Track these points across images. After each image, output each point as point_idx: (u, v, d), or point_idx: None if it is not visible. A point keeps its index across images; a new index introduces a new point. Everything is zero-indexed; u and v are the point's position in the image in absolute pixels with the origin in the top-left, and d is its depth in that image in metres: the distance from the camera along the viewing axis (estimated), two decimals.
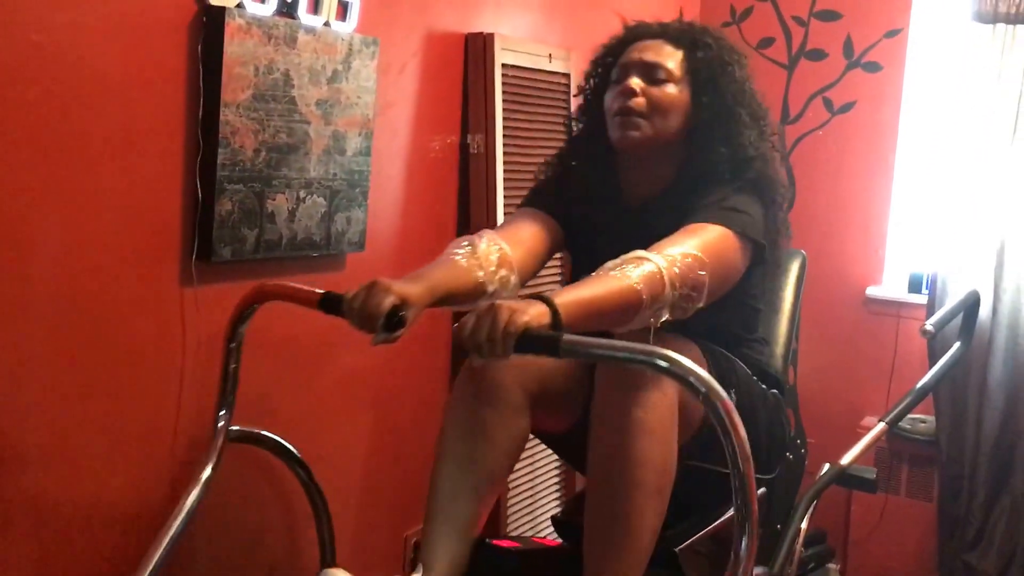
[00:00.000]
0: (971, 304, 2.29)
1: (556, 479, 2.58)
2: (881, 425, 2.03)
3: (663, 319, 1.46)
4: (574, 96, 1.88)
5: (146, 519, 1.65)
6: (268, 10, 1.73)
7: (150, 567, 1.38)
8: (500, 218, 2.29)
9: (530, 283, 1.72)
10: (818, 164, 3.27)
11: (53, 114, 1.45)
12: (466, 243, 1.59)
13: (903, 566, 3.08)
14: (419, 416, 2.28)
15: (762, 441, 1.73)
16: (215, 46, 1.63)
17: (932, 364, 2.26)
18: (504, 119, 2.31)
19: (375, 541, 2.20)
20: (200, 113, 1.64)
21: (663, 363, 1.19)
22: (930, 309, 2.93)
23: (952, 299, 2.29)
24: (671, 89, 1.67)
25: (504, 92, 2.31)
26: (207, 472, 1.52)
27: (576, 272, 1.73)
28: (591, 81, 1.80)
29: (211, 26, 1.63)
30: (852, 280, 3.23)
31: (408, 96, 2.15)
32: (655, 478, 1.48)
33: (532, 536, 2.39)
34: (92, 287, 1.54)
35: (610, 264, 1.45)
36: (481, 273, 1.55)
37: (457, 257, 1.55)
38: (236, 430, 1.62)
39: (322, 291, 1.47)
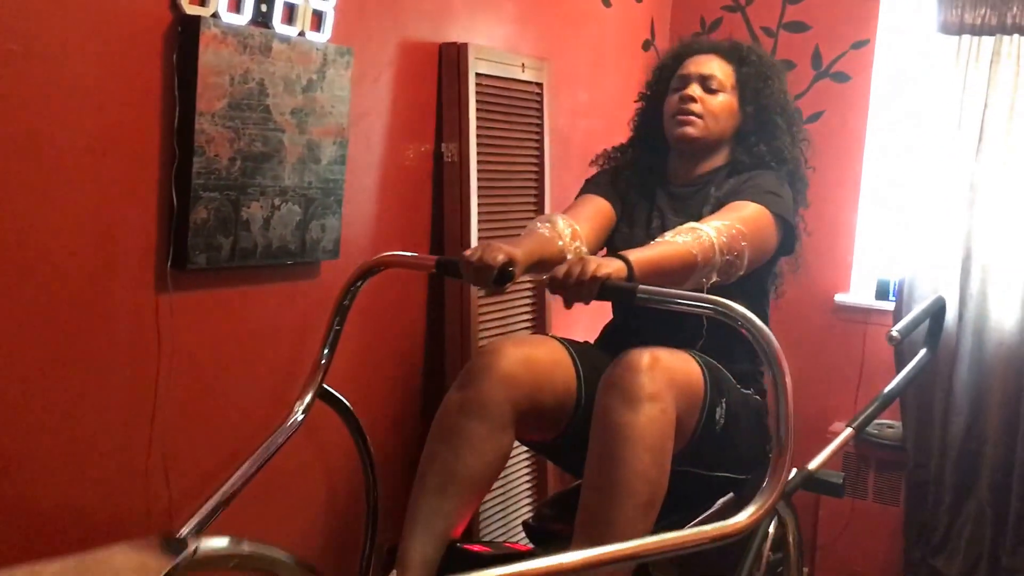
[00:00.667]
0: (937, 311, 2.33)
1: (528, 485, 2.60)
2: (848, 430, 2.06)
3: (712, 280, 1.70)
4: (635, 102, 2.14)
5: (118, 528, 1.66)
6: (243, 20, 1.74)
7: (229, 486, 1.50)
8: (474, 226, 2.31)
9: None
10: None
11: (28, 122, 1.45)
12: (546, 220, 1.83)
13: (870, 569, 3.13)
14: (396, 424, 2.29)
15: (744, 445, 1.80)
16: (190, 55, 1.64)
17: (899, 370, 2.30)
18: (478, 128, 2.33)
19: (350, 546, 2.21)
20: (175, 122, 1.65)
21: (723, 309, 1.38)
22: (897, 316, 2.99)
23: (919, 306, 2.33)
24: (722, 97, 1.95)
25: (478, 101, 2.33)
26: (299, 416, 1.65)
27: (625, 243, 1.95)
28: (652, 87, 2.08)
29: (186, 35, 1.64)
30: (821, 287, 3.28)
31: (382, 105, 2.17)
32: (648, 490, 1.54)
33: (504, 541, 2.40)
34: (66, 294, 1.54)
35: (669, 233, 1.70)
36: (561, 243, 1.78)
37: (542, 230, 1.79)
38: (323, 388, 1.73)
39: (437, 256, 1.77)
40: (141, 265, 1.65)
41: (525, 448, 2.39)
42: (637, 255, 1.58)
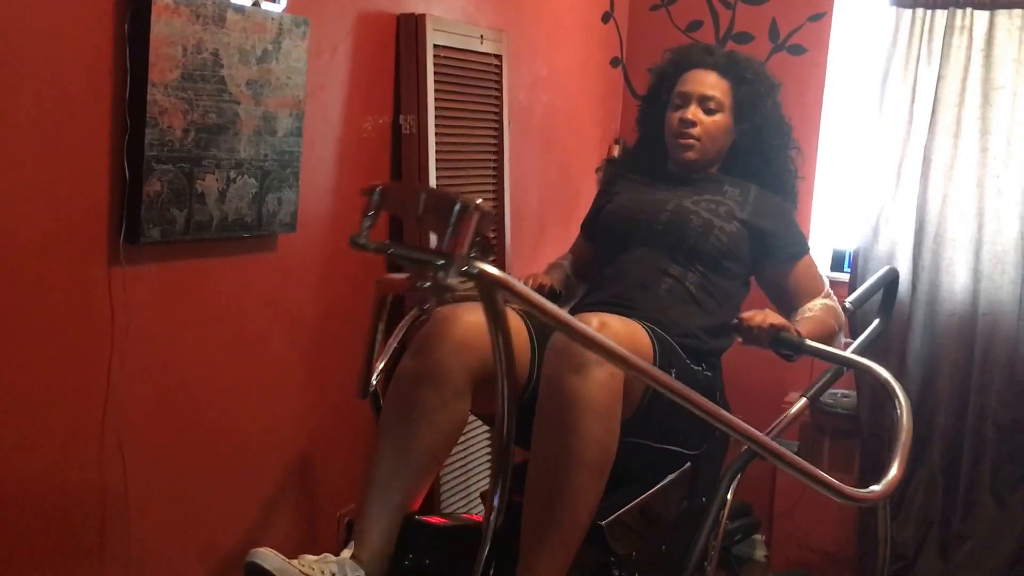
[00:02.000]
0: (890, 282, 2.37)
1: (488, 457, 2.61)
2: (803, 400, 2.09)
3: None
4: (638, 106, 2.28)
5: (72, 502, 1.64)
6: None
7: None
8: None
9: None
10: None
11: None
12: (562, 257, 2.22)
13: (825, 536, 3.19)
14: (352, 398, 2.29)
15: (691, 421, 1.78)
16: (142, 25, 1.61)
17: (854, 340, 2.34)
18: (436, 100, 2.31)
19: (309, 520, 2.21)
20: (127, 93, 1.62)
21: (864, 367, 1.85)
22: (852, 287, 3.03)
23: (872, 277, 2.37)
24: (719, 117, 2.07)
25: (436, 73, 2.31)
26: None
27: (620, 205, 2.13)
28: (652, 95, 2.20)
29: (138, 5, 1.60)
30: None
31: (339, 77, 2.15)
32: (598, 455, 1.54)
33: (463, 512, 2.42)
34: (14, 269, 1.51)
35: (807, 307, 2.03)
36: (574, 279, 2.15)
37: (564, 264, 2.20)
38: None
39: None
40: (93, 239, 1.62)
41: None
42: (803, 327, 1.90)
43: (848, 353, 1.87)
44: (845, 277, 3.17)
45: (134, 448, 1.73)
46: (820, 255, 3.31)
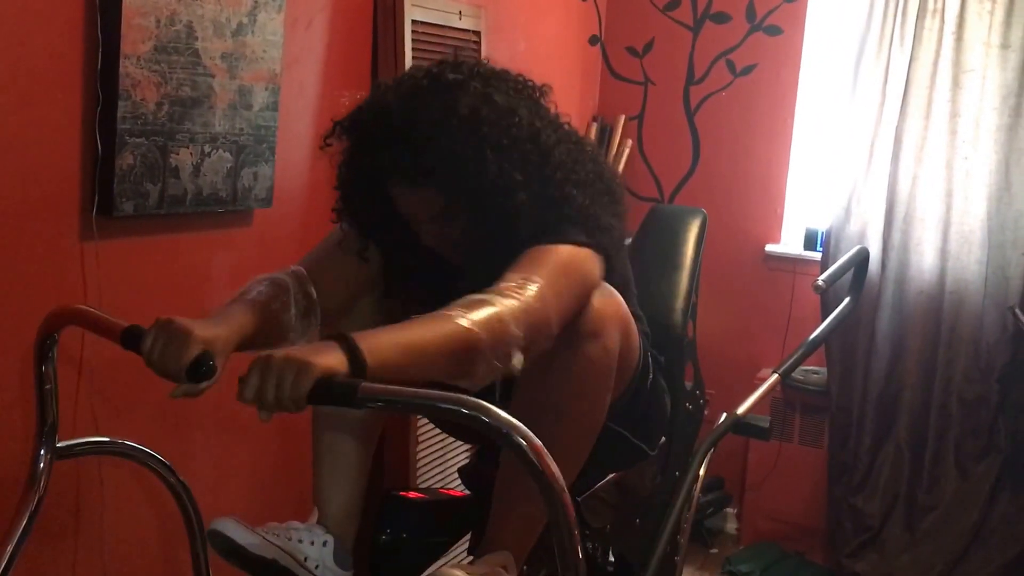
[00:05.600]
0: (860, 261, 2.40)
1: None
2: (774, 376, 2.13)
3: (513, 365, 1.25)
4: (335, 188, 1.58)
5: (48, 488, 1.63)
6: None
7: None
8: None
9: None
10: (721, 125, 3.36)
11: None
12: (267, 282, 1.42)
13: (795, 509, 3.26)
14: None
15: (656, 416, 1.72)
16: None
17: (824, 318, 2.38)
18: None
19: (285, 494, 2.21)
20: (99, 65, 1.60)
21: (471, 411, 1.00)
22: (824, 265, 3.07)
23: (843, 256, 2.40)
24: (460, 218, 1.43)
25: (414, 49, 2.30)
26: (32, 504, 1.31)
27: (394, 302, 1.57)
28: (360, 187, 1.51)
29: None
30: (752, 237, 3.35)
31: (316, 51, 2.13)
32: (579, 435, 1.45)
33: (440, 488, 2.44)
34: None
35: (456, 304, 1.24)
36: (286, 315, 1.39)
37: (258, 296, 1.38)
38: (81, 443, 1.46)
39: (126, 325, 1.27)
40: (65, 213, 1.61)
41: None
42: (375, 338, 1.15)
43: (440, 393, 1.05)
44: (817, 256, 3.20)
45: (108, 424, 1.72)
46: (793, 234, 3.35)
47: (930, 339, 3.05)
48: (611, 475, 1.77)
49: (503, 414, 1.00)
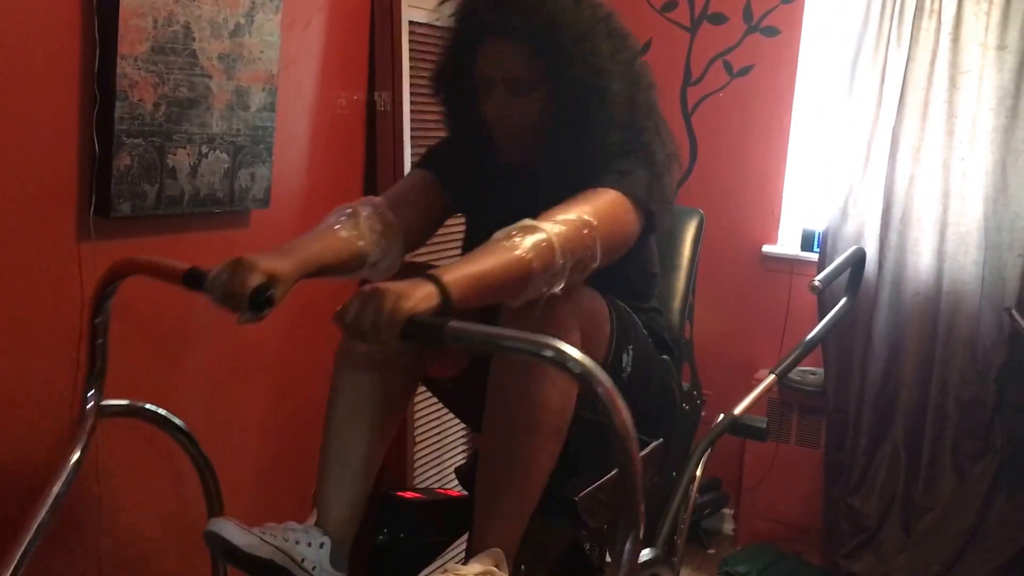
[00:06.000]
0: (857, 261, 2.40)
1: (462, 432, 2.63)
2: (771, 377, 2.13)
3: (557, 288, 1.42)
4: (430, 80, 1.73)
5: (43, 481, 1.63)
6: None
7: (18, 553, 1.31)
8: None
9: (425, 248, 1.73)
10: (718, 125, 3.36)
11: None
12: (347, 211, 1.53)
13: (792, 510, 3.26)
14: (325, 375, 2.29)
15: (652, 404, 1.77)
16: None
17: (821, 319, 2.38)
18: (411, 77, 2.31)
19: (282, 495, 2.21)
20: (96, 65, 1.60)
21: (549, 353, 1.12)
22: (821, 266, 3.08)
23: (840, 256, 2.40)
24: (533, 96, 1.57)
25: (411, 50, 2.30)
26: (76, 454, 1.43)
27: (469, 235, 1.74)
28: (450, 65, 1.67)
29: None
30: (749, 238, 3.36)
31: (313, 52, 2.13)
32: (553, 419, 1.49)
33: (437, 488, 2.44)
34: None
35: (499, 235, 1.39)
36: (362, 242, 1.50)
37: (335, 227, 1.50)
38: (113, 404, 1.55)
39: (186, 266, 1.37)
40: (63, 213, 1.61)
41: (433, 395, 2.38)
42: (454, 273, 1.29)
43: (522, 334, 1.18)
44: (814, 257, 3.21)
45: (105, 424, 1.72)
46: (790, 235, 3.36)
47: (927, 340, 3.06)
48: (609, 475, 1.77)
49: (581, 356, 1.12)
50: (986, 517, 3.00)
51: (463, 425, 2.64)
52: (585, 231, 1.44)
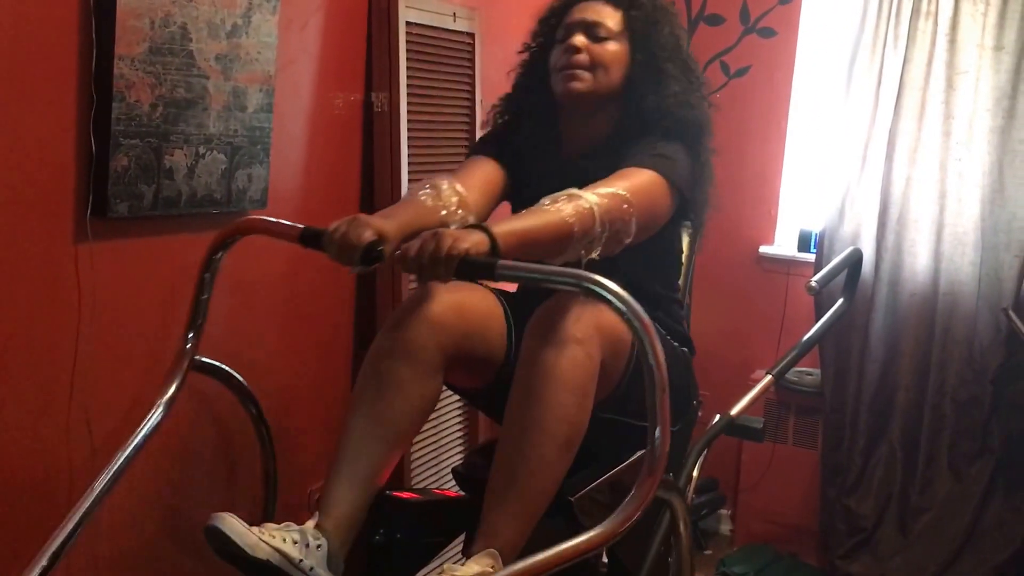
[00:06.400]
0: (854, 262, 2.41)
1: (460, 432, 2.63)
2: (768, 377, 2.13)
3: (594, 254, 1.56)
4: (519, 52, 1.96)
5: (38, 480, 1.63)
6: None
7: (105, 481, 1.44)
8: (404, 177, 2.30)
9: None
10: (715, 127, 3.35)
11: None
12: (429, 186, 1.69)
13: (789, 510, 3.26)
14: (323, 375, 2.29)
15: (671, 396, 1.80)
16: None
17: (818, 319, 2.38)
18: (408, 78, 2.31)
19: (279, 495, 2.21)
20: (93, 66, 1.60)
21: (590, 285, 1.27)
22: (818, 267, 3.08)
23: (836, 257, 2.41)
24: (611, 46, 1.80)
25: (408, 51, 2.30)
26: (169, 394, 1.56)
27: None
28: (537, 39, 1.92)
29: None
30: (746, 239, 3.36)
31: (311, 53, 2.13)
32: (567, 431, 1.55)
33: (434, 488, 2.44)
34: None
35: (546, 200, 1.55)
36: (444, 212, 1.65)
37: (423, 197, 1.66)
38: (205, 361, 1.68)
39: (302, 225, 1.56)
40: (59, 214, 1.61)
41: (456, 395, 2.41)
42: (502, 226, 1.46)
43: (560, 268, 1.38)
44: (811, 258, 3.21)
45: (101, 425, 1.72)
46: (787, 236, 3.36)
47: (924, 340, 3.06)
48: (608, 474, 1.77)
49: (618, 288, 1.26)
50: (982, 518, 3.01)
51: (461, 427, 2.64)
52: (624, 206, 1.59)
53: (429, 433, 2.46)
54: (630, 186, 1.63)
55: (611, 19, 1.82)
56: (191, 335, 1.62)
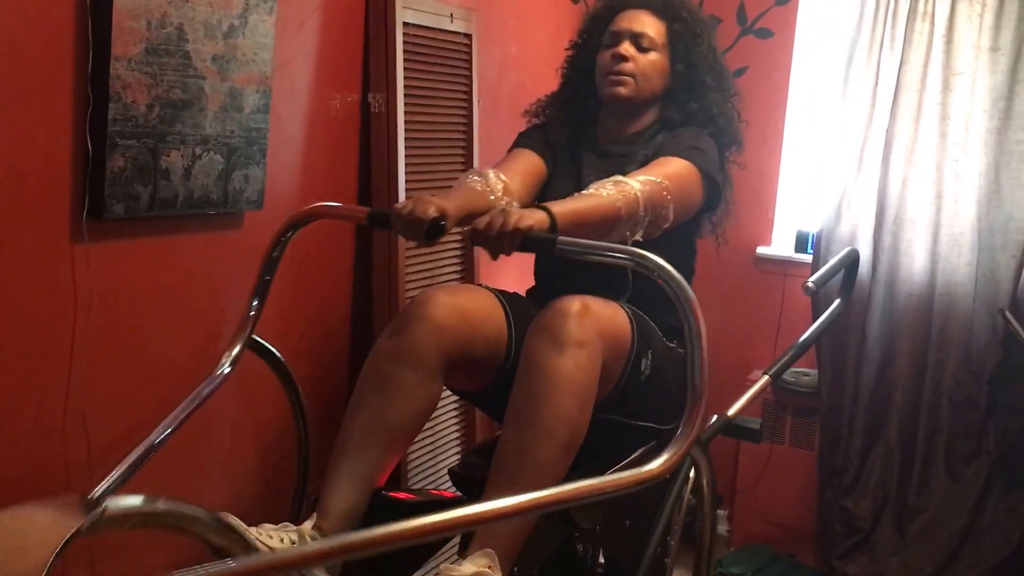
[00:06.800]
0: (851, 262, 2.41)
1: (456, 433, 2.63)
2: (765, 378, 2.13)
3: (637, 235, 1.72)
4: (566, 50, 2.13)
5: (36, 480, 1.63)
6: None
7: (160, 437, 1.51)
8: (402, 177, 2.30)
9: None
10: None
11: None
12: (477, 174, 1.85)
13: (786, 511, 3.26)
14: (322, 376, 2.29)
15: (667, 399, 1.83)
16: None
17: (815, 320, 2.38)
18: (406, 79, 2.31)
19: (277, 495, 2.21)
20: (89, 67, 1.60)
21: (642, 260, 1.42)
22: (814, 268, 3.08)
23: (833, 258, 2.41)
24: (653, 56, 1.97)
25: (405, 51, 2.30)
26: (225, 368, 1.64)
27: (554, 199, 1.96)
28: (583, 38, 2.08)
29: None
30: (743, 239, 3.36)
31: (307, 53, 2.13)
32: (568, 432, 1.57)
33: (430, 488, 2.44)
34: None
35: (594, 185, 1.71)
36: (492, 197, 1.79)
37: (474, 183, 1.81)
38: (259, 342, 1.74)
39: (368, 208, 1.79)
40: (55, 215, 1.61)
41: (454, 396, 2.41)
42: (560, 207, 1.60)
43: (614, 244, 1.52)
44: (808, 258, 3.21)
45: (98, 425, 1.72)
46: (784, 237, 3.36)
47: (920, 341, 3.07)
48: (604, 475, 1.77)
49: (666, 265, 1.40)
50: (979, 518, 3.01)
51: (458, 428, 2.64)
52: (664, 193, 1.74)
53: (426, 434, 2.46)
54: (668, 174, 1.78)
55: (655, 30, 1.97)
56: (252, 313, 1.69)
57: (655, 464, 1.35)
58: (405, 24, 2.29)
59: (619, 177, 1.72)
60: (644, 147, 1.95)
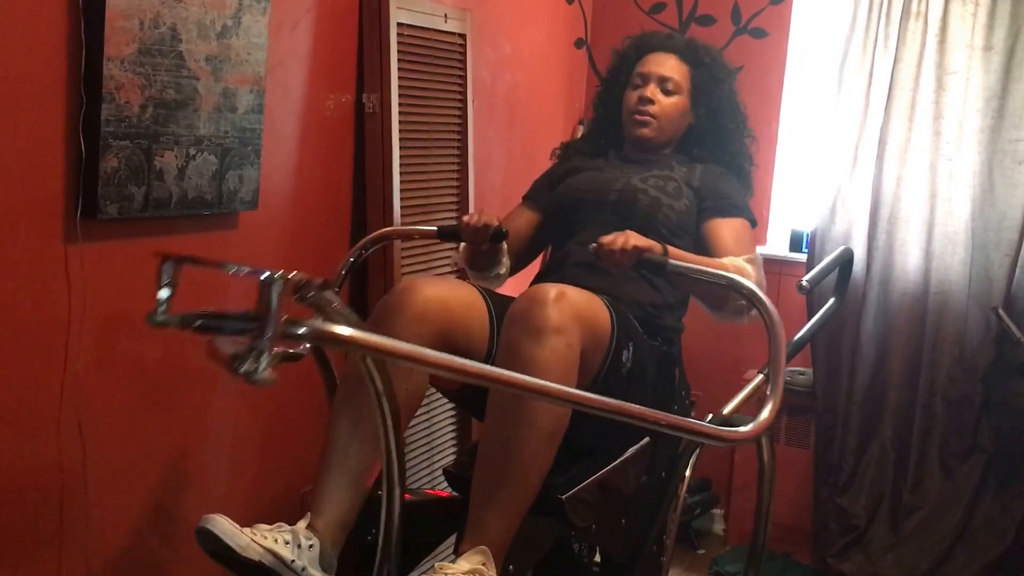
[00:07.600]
0: (845, 261, 2.41)
1: (452, 433, 2.63)
2: (760, 377, 2.13)
3: (741, 320, 1.95)
4: (596, 86, 2.34)
5: (30, 482, 1.63)
6: None
7: None
8: (396, 177, 2.30)
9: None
10: None
11: None
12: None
13: (782, 510, 3.26)
14: (314, 378, 2.29)
15: (650, 395, 1.82)
16: None
17: (810, 319, 2.39)
18: (400, 79, 2.31)
19: (270, 497, 2.21)
20: (82, 67, 1.60)
21: (735, 284, 1.66)
22: (809, 266, 3.09)
23: (828, 256, 2.41)
24: (677, 99, 2.12)
25: (400, 52, 2.30)
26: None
27: (578, 184, 2.12)
28: (612, 75, 2.24)
29: None
30: None
31: (301, 53, 2.13)
32: (550, 422, 1.56)
33: (426, 488, 2.44)
34: None
35: (723, 260, 1.90)
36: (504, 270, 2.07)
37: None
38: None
39: (437, 226, 2.04)
40: (49, 216, 1.60)
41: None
42: (676, 250, 1.78)
43: (714, 271, 1.75)
44: (803, 257, 3.22)
45: (92, 427, 1.72)
46: (778, 236, 3.37)
47: (915, 339, 3.07)
48: (598, 474, 1.77)
49: (756, 289, 1.65)
50: (974, 516, 3.02)
51: (453, 427, 2.64)
52: (759, 264, 1.97)
53: (421, 434, 2.47)
54: (742, 243, 1.99)
55: (680, 74, 2.12)
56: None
57: (746, 427, 1.51)
58: (399, 24, 2.30)
59: (741, 263, 1.90)
60: (680, 165, 2.10)
